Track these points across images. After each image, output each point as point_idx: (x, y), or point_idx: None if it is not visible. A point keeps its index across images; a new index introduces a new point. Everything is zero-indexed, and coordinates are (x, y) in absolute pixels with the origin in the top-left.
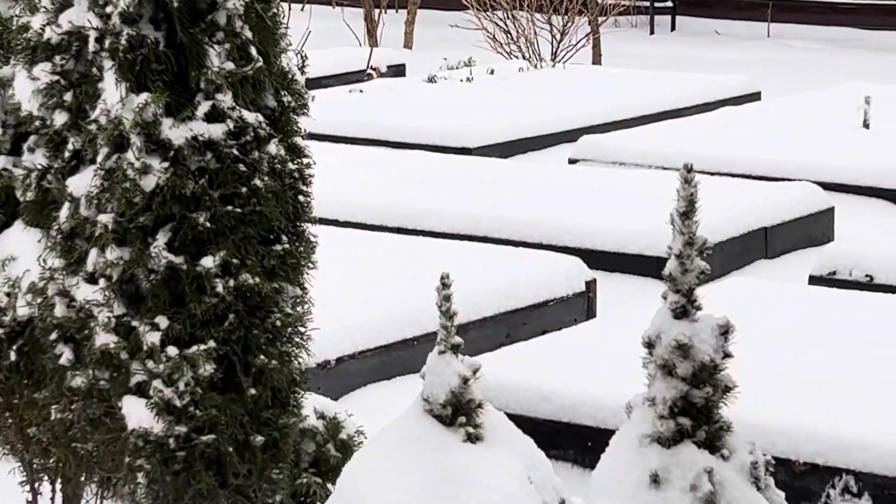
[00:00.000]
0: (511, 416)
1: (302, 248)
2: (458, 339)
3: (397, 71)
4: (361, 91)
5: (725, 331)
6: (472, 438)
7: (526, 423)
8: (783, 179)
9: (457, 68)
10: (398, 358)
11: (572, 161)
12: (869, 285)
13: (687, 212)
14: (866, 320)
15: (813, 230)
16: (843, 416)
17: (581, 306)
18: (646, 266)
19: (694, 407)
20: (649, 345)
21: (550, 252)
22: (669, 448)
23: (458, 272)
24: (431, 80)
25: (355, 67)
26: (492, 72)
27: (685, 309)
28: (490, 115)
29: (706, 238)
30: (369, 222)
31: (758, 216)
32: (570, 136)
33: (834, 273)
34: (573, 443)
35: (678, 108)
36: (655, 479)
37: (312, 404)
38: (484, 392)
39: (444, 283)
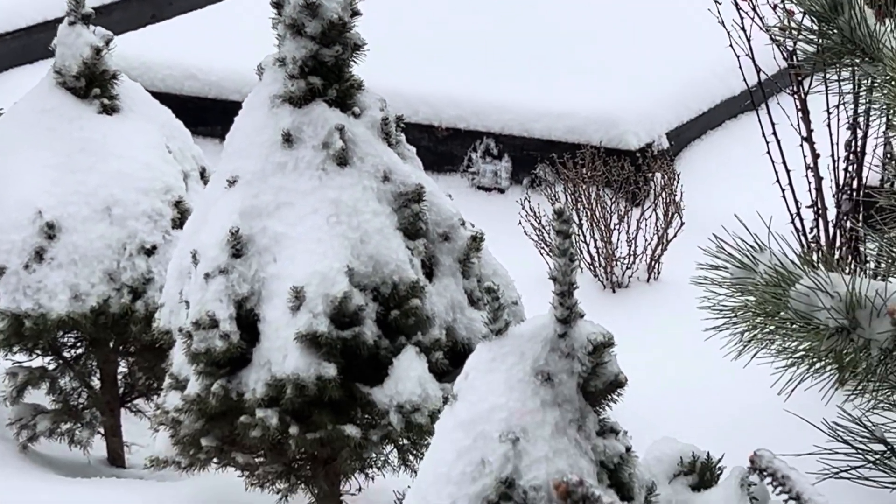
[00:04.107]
0: (157, 95)
1: None
2: (88, 10)
3: None
4: None
5: None
6: (108, 110)
7: (173, 101)
8: None
9: None
10: (40, 41)
11: None
12: None
13: None
14: None
15: None
16: (482, 82)
17: None
18: None
19: (324, 66)
20: (278, 5)
21: None
22: (301, 107)
23: None
24: None
25: None
26: None
27: None
28: None
29: None
30: None
31: None
32: None
33: None
34: (220, 118)
35: None
36: (288, 139)
37: None
38: (129, 72)
39: None
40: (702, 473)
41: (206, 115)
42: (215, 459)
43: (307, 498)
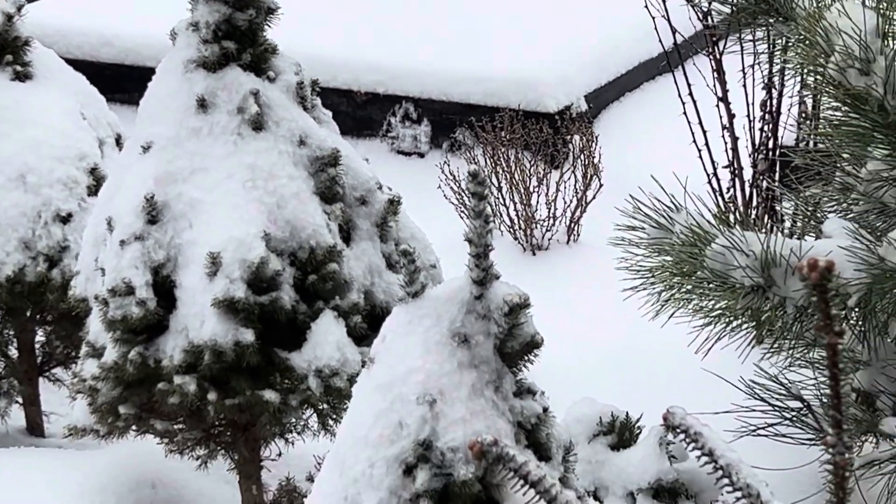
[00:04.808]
0: (73, 62)
1: None
2: None
3: None
4: None
5: None
6: (21, 77)
7: (89, 68)
8: None
9: None
10: None
11: None
12: None
13: None
14: None
15: None
16: (401, 46)
17: None
18: None
19: (238, 30)
20: None
21: None
22: (215, 72)
23: None
24: None
25: None
26: None
27: None
28: None
29: None
30: None
31: None
32: None
33: None
34: (137, 85)
35: None
36: (202, 104)
37: None
38: (43, 39)
39: None
40: (621, 433)
41: (123, 82)
42: (134, 427)
43: (227, 464)
